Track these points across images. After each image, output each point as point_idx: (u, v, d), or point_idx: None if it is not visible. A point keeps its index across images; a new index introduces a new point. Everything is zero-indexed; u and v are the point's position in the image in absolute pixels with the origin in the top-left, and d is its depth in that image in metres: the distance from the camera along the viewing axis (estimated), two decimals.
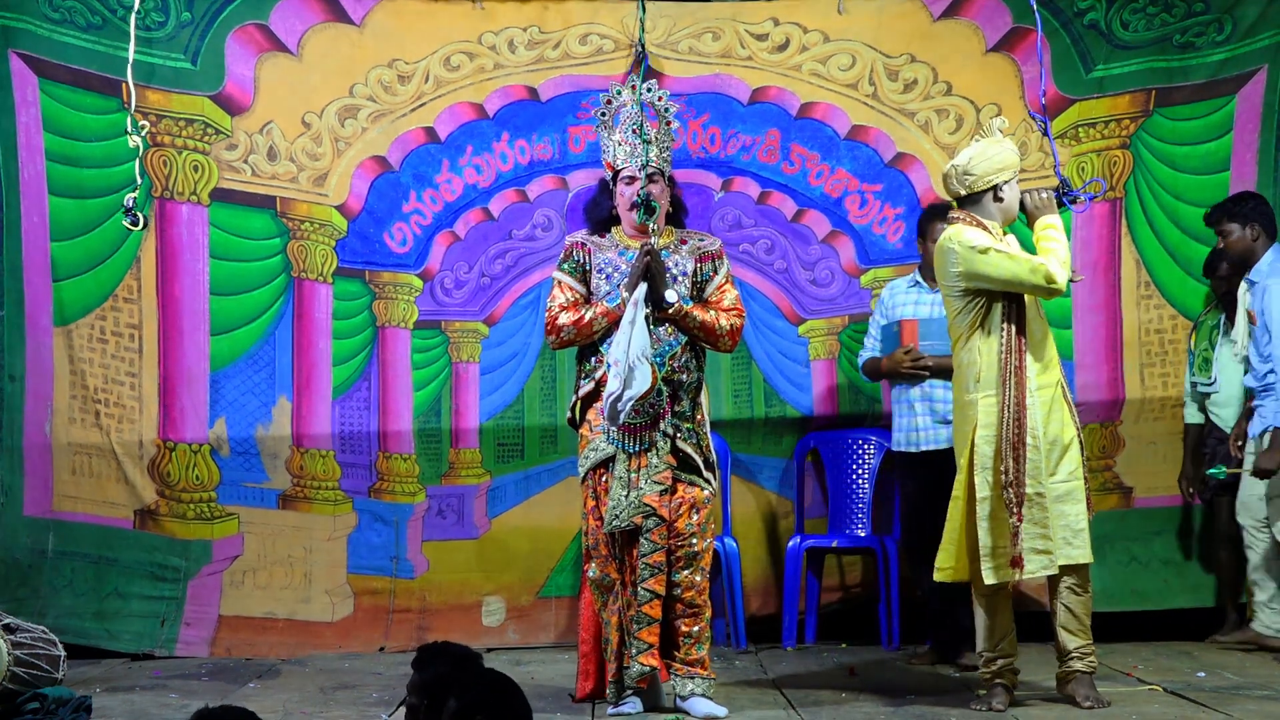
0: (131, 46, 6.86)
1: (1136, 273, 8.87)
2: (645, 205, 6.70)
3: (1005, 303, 6.72)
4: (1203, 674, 7.55)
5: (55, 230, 8.48)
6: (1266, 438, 7.93)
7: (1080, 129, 8.89)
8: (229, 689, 7.51)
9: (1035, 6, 7.31)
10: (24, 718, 6.24)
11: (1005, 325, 6.71)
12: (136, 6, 7.30)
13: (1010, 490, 6.58)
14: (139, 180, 6.52)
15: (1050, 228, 6.78)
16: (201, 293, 8.59)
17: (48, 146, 8.46)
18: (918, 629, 8.44)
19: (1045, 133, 6.94)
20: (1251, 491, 8.16)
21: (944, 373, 7.80)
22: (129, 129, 6.51)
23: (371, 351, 8.76)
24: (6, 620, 6.64)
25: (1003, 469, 6.61)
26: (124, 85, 6.93)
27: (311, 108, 8.67)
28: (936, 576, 6.85)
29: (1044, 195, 6.86)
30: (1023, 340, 6.70)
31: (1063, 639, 6.74)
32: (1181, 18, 8.86)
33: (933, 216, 7.99)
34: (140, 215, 6.53)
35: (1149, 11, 8.85)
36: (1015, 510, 6.57)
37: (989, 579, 6.66)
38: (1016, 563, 6.59)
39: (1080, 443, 6.76)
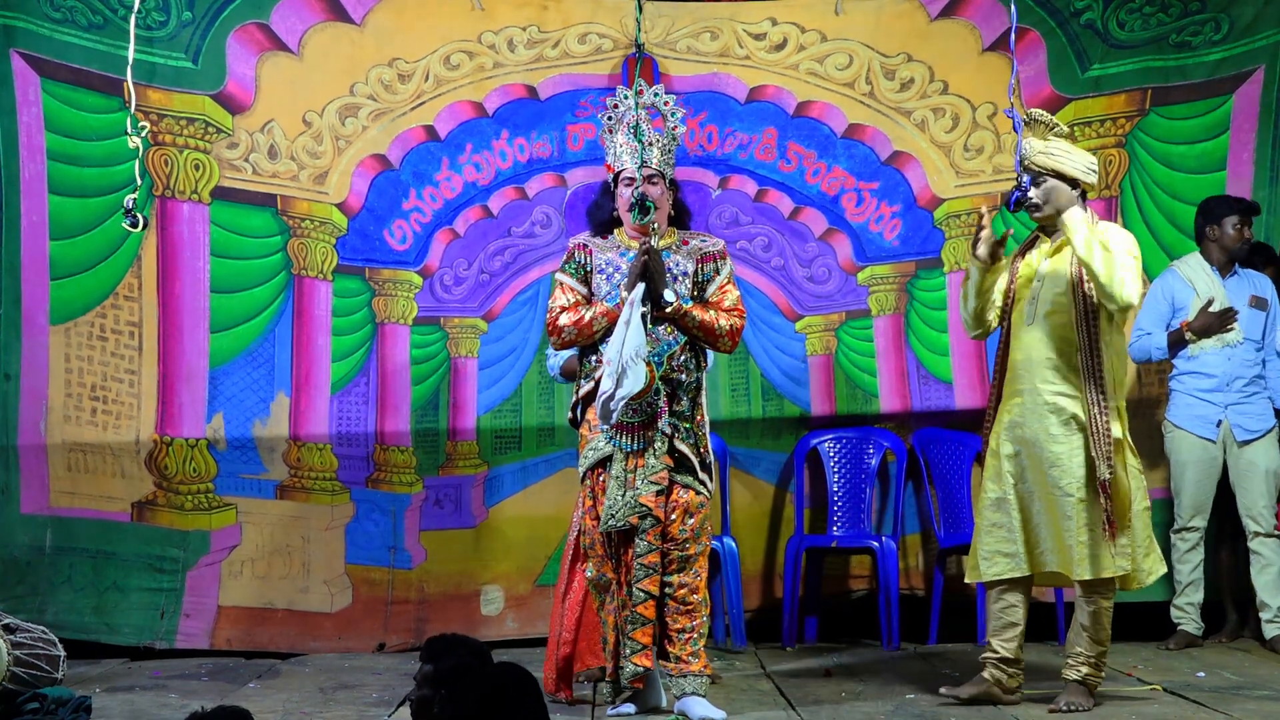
0: (131, 46, 6.86)
1: None
2: (640, 205, 6.70)
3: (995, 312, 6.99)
4: (1203, 674, 7.59)
5: (56, 229, 8.48)
6: None
7: (1076, 128, 8.88)
8: (229, 689, 7.52)
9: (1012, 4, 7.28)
10: (24, 718, 6.25)
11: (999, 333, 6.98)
12: (137, 6, 7.30)
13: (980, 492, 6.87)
14: (139, 181, 6.52)
15: None
16: (202, 290, 8.60)
17: (49, 145, 8.46)
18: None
19: (1016, 128, 6.92)
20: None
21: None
22: (129, 129, 6.51)
23: (371, 347, 8.77)
24: (6, 620, 6.66)
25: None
26: (125, 85, 6.93)
27: (312, 106, 8.68)
28: None
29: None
30: (1003, 348, 6.91)
31: (1067, 641, 6.87)
32: (1178, 17, 8.88)
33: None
34: (140, 216, 6.53)
35: (1145, 11, 8.86)
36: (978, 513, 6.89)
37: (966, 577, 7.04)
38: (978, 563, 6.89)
39: (1080, 458, 6.69)
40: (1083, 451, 6.68)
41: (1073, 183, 6.83)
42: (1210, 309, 8.26)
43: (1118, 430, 6.69)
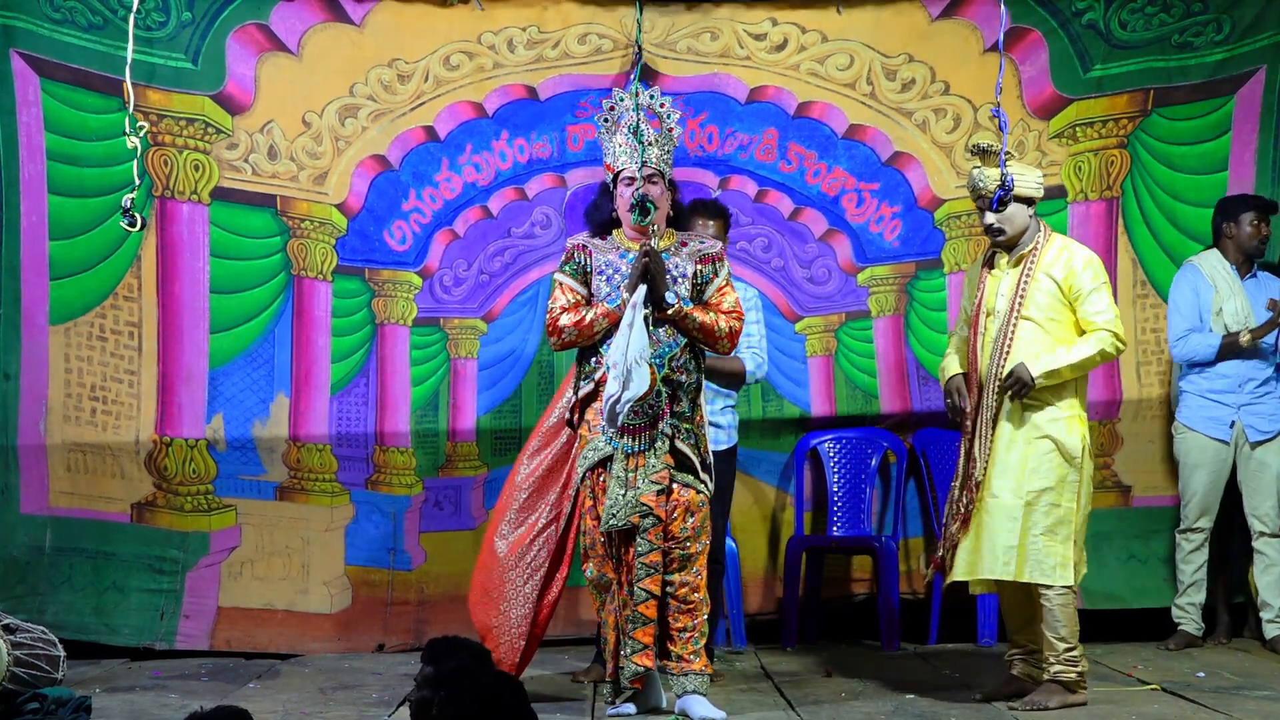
0: (130, 46, 6.83)
1: (1133, 271, 8.90)
2: (641, 206, 6.68)
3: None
4: (1203, 674, 7.59)
5: (56, 229, 8.48)
6: None
7: (1078, 128, 8.92)
8: (229, 689, 7.51)
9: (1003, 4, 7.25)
10: (24, 718, 6.25)
11: None
12: (136, 6, 7.26)
13: None
14: (137, 181, 6.50)
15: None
16: (201, 291, 8.60)
17: (49, 146, 8.45)
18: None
19: (1001, 127, 6.90)
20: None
21: None
22: (127, 129, 6.50)
23: (370, 348, 8.76)
24: (6, 620, 6.67)
25: None
26: (124, 85, 6.91)
27: (312, 107, 8.67)
28: None
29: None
30: (973, 356, 7.03)
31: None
32: (1180, 18, 8.88)
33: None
34: (138, 216, 6.51)
35: (1147, 11, 8.86)
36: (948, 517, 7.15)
37: None
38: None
39: (1033, 464, 6.80)
40: (1034, 458, 6.79)
41: (1028, 201, 6.96)
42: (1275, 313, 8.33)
43: (1078, 436, 6.83)
